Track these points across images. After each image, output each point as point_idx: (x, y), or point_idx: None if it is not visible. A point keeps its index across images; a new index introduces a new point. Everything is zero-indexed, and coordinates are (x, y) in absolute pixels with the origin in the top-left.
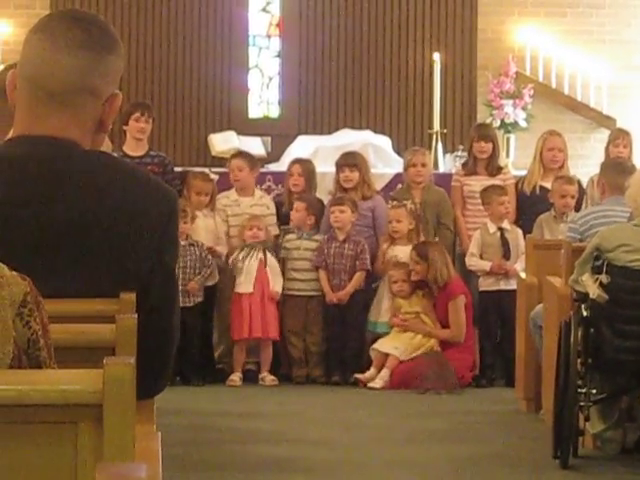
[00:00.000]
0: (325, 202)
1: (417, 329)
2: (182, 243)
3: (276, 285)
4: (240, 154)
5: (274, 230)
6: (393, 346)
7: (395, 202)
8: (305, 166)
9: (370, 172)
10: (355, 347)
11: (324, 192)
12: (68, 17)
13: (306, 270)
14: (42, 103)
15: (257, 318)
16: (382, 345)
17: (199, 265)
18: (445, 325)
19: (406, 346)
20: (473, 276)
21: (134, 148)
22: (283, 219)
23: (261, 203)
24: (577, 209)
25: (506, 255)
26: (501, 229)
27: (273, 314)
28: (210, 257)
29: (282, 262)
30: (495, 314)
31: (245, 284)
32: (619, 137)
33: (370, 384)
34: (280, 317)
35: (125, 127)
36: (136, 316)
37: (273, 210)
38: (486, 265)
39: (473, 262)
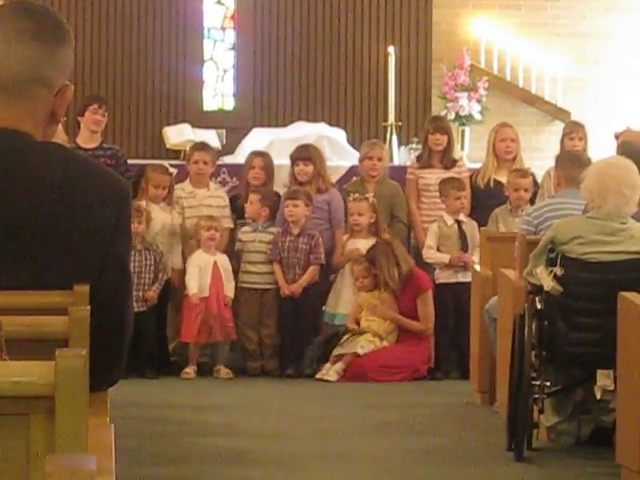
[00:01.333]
0: (281, 195)
1: (387, 316)
2: (137, 247)
3: (228, 289)
4: (204, 147)
5: (228, 223)
6: (359, 346)
7: (357, 195)
8: (266, 159)
9: (325, 165)
10: (310, 340)
11: (279, 185)
12: (19, 8)
13: (261, 263)
14: None
15: (216, 321)
16: (346, 348)
17: (154, 270)
18: (409, 318)
19: (370, 344)
20: (429, 269)
21: (87, 140)
22: (239, 212)
23: (216, 195)
24: (532, 202)
25: (464, 247)
26: (458, 221)
27: (229, 316)
28: (165, 261)
29: (237, 255)
30: (452, 306)
31: (200, 288)
32: (574, 130)
33: (325, 377)
34: (234, 310)
35: (80, 118)
36: (89, 308)
37: (227, 203)
38: (445, 257)
39: (431, 255)
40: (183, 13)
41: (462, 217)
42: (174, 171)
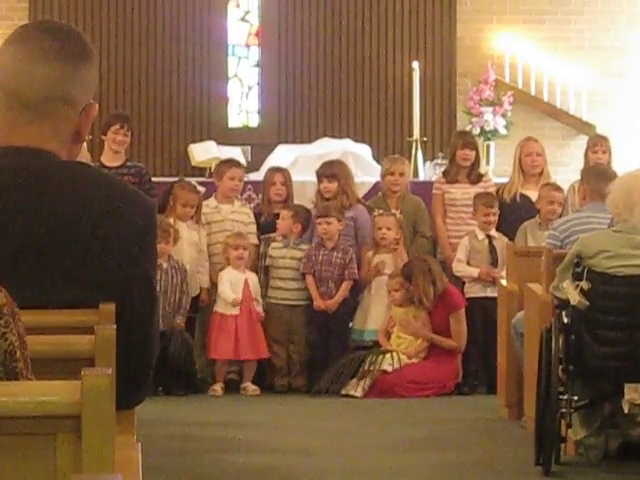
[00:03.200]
0: (311, 211)
1: (420, 334)
2: (164, 266)
3: (259, 306)
4: (239, 163)
5: (253, 239)
6: (387, 363)
7: (382, 211)
8: (285, 174)
9: (351, 181)
10: (338, 356)
11: (306, 201)
12: (43, 27)
13: (291, 279)
14: (19, 114)
15: (245, 340)
16: (375, 365)
17: (179, 290)
18: (441, 334)
19: (398, 362)
20: (457, 283)
21: (111, 159)
22: (262, 229)
23: (241, 211)
24: (559, 216)
25: (494, 262)
26: (489, 236)
27: (261, 333)
28: (189, 282)
29: (265, 270)
30: (480, 321)
31: (231, 305)
32: (597, 143)
33: (351, 392)
34: (263, 326)
35: (103, 137)
36: (115, 327)
37: (253, 219)
38: (474, 271)
39: (460, 268)
40: (207, 30)
41: (493, 232)
42: (202, 189)
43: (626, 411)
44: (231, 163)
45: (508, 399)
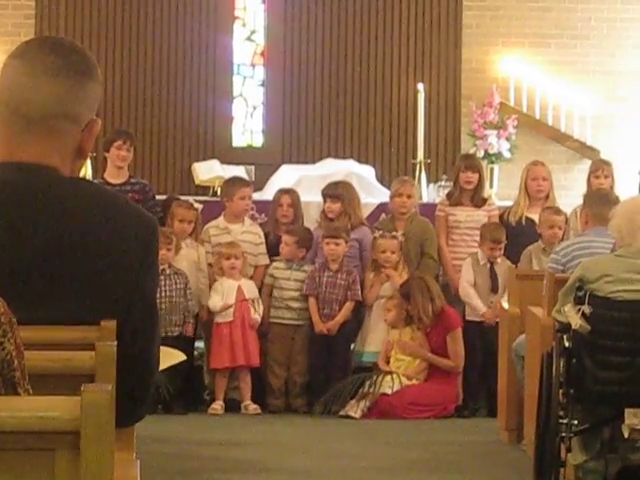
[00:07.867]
0: (312, 231)
1: (418, 354)
2: (167, 271)
3: (255, 313)
4: (248, 182)
5: (264, 260)
6: (387, 386)
7: (384, 232)
8: (294, 196)
9: (355, 203)
10: (339, 378)
11: (309, 221)
12: (46, 43)
13: (294, 300)
14: (22, 129)
15: (239, 346)
16: (375, 388)
17: (182, 294)
18: (438, 355)
19: (398, 384)
20: (459, 304)
21: (115, 175)
22: (268, 250)
23: (252, 231)
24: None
25: (494, 288)
26: (491, 261)
27: (254, 342)
28: (191, 290)
29: (267, 289)
30: (481, 344)
31: (225, 313)
32: (599, 168)
33: (349, 413)
34: (264, 345)
35: (106, 154)
36: (116, 343)
37: (263, 239)
38: (481, 308)
39: (469, 294)
40: (213, 49)
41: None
42: (199, 207)
43: (626, 436)
44: (241, 183)
45: (508, 422)
